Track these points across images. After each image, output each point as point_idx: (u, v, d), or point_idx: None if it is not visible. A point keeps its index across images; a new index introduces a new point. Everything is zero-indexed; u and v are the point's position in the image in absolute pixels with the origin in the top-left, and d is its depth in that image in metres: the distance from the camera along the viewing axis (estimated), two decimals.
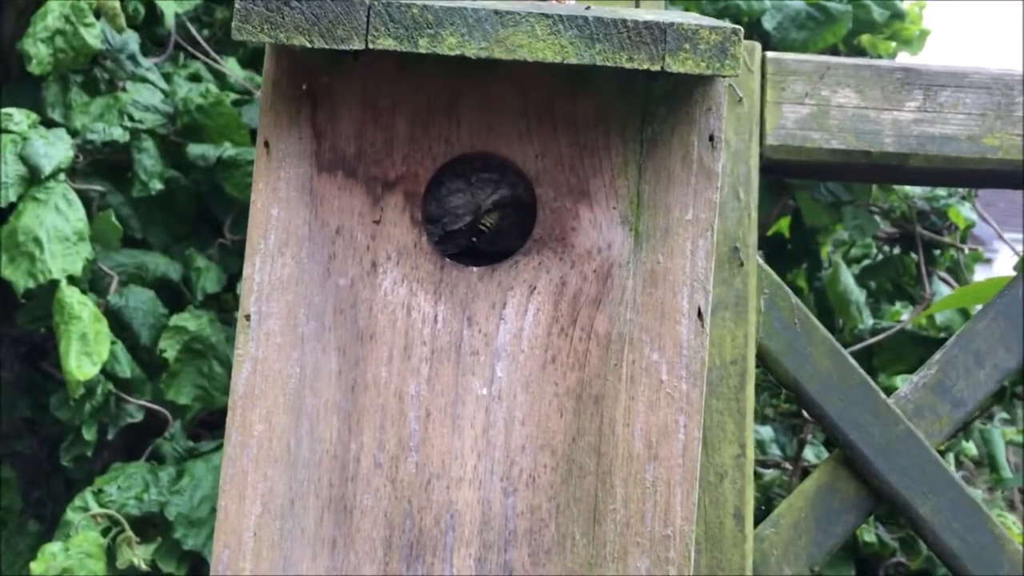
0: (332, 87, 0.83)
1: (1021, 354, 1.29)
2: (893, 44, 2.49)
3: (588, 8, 0.82)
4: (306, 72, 0.83)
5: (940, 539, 1.24)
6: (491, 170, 0.86)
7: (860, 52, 2.47)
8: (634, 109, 0.83)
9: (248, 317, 0.82)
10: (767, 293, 1.24)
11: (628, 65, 0.75)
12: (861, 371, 1.25)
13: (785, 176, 1.39)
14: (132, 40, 2.40)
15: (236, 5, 0.75)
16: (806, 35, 2.20)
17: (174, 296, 2.28)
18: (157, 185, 2.24)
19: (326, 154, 0.83)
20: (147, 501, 2.08)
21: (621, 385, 0.81)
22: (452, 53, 0.75)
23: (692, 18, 0.77)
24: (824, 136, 1.24)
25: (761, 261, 1.23)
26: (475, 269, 0.83)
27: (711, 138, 0.83)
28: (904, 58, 3.26)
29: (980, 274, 2.79)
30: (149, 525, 2.08)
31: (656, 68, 0.75)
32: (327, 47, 0.75)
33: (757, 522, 1.22)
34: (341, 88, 0.83)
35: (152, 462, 2.15)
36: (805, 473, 3.06)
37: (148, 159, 2.28)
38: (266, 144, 0.83)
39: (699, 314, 0.82)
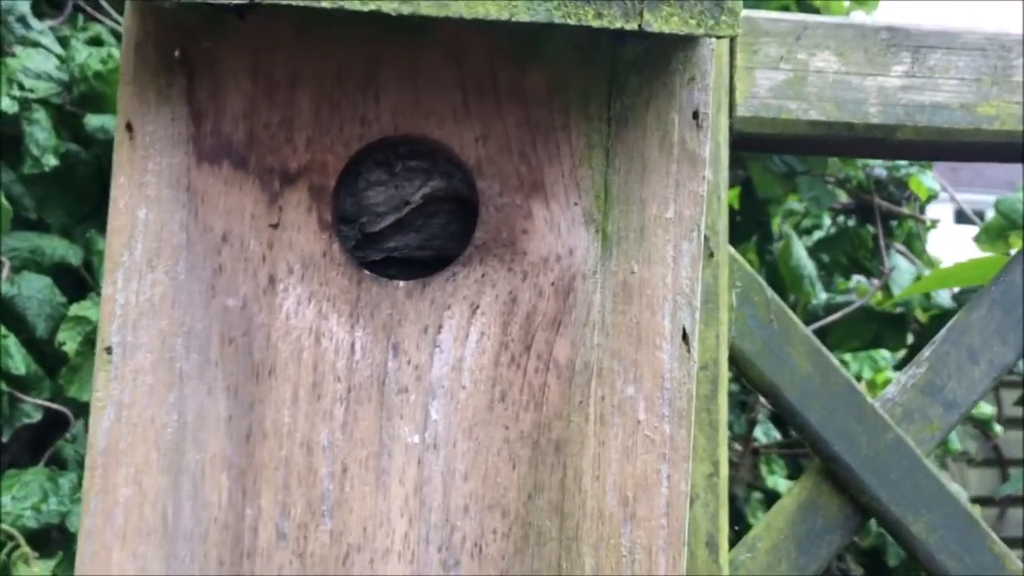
0: (214, 54, 0.65)
1: (1018, 347, 1.15)
2: (847, 3, 2.34)
3: None
4: (179, 34, 0.65)
5: (935, 560, 1.09)
6: (420, 157, 0.69)
7: (811, 10, 2.32)
8: (599, 79, 0.66)
9: (109, 350, 0.64)
10: (739, 287, 1.08)
11: (596, 23, 0.57)
12: (846, 373, 1.10)
13: (758, 151, 1.25)
14: (21, 1, 2.18)
15: None
16: None
17: (74, 283, 2.09)
18: (51, 161, 2.04)
19: (207, 139, 0.65)
20: (46, 512, 1.90)
21: (588, 428, 0.65)
22: (365, 8, 0.57)
23: None
24: (802, 106, 1.08)
25: (733, 251, 1.07)
26: (401, 284, 0.65)
27: (695, 115, 0.66)
28: (859, 18, 3.12)
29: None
30: (49, 538, 1.90)
31: (632, 27, 0.58)
32: (198, 0, 0.57)
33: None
34: (226, 55, 0.65)
35: (52, 467, 1.97)
36: (756, 453, 2.94)
37: (40, 132, 2.08)
38: (128, 127, 0.65)
39: (684, 336, 0.65)
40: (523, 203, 0.65)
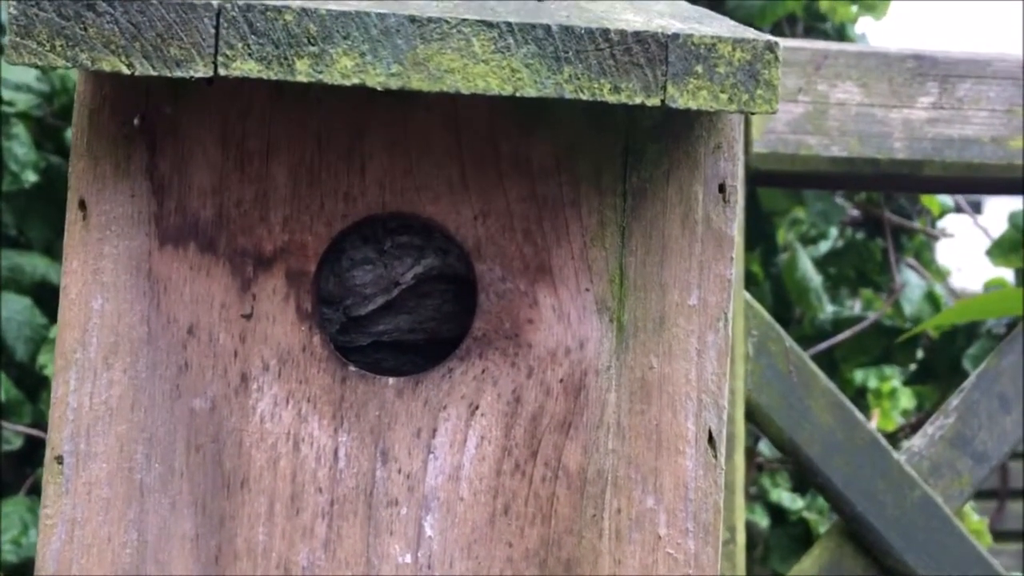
0: (178, 121, 0.57)
1: None
2: (854, 8, 2.26)
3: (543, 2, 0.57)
4: (139, 99, 0.57)
5: None
6: (411, 232, 0.61)
7: (818, 18, 2.24)
8: (612, 148, 0.58)
9: (60, 460, 0.56)
10: (756, 336, 1.01)
11: (612, 98, 0.50)
12: (870, 427, 1.03)
13: (775, 187, 1.18)
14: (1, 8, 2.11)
15: (10, 10, 0.48)
16: (764, 0, 1.97)
17: (56, 302, 2.01)
18: (31, 177, 1.97)
19: (171, 218, 0.57)
20: (27, 545, 1.83)
21: (603, 544, 0.57)
22: (347, 83, 0.50)
23: (708, 23, 0.52)
24: (822, 141, 1.01)
25: (749, 297, 1.00)
26: (391, 381, 0.58)
27: (721, 188, 0.59)
28: (866, 24, 3.03)
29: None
30: (30, 572, 1.83)
31: (654, 102, 0.50)
32: (155, 73, 0.49)
33: None
34: (191, 123, 0.57)
35: (33, 497, 1.90)
36: (760, 468, 2.87)
37: (20, 147, 2.00)
38: (82, 205, 0.57)
39: (710, 439, 0.58)
40: (528, 289, 0.58)
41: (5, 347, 1.94)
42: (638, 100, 0.50)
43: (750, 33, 0.51)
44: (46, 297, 2.01)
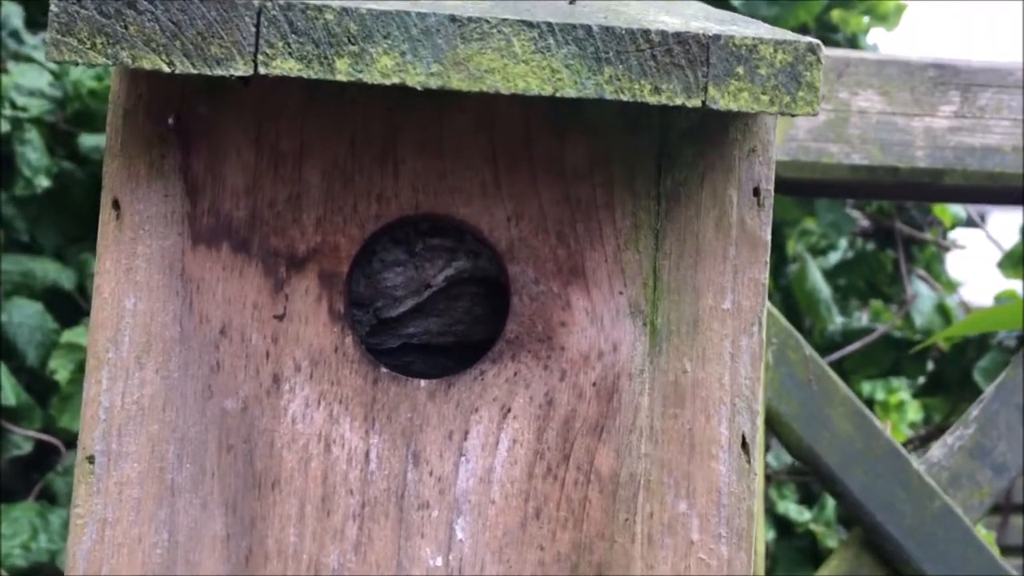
0: (213, 122, 0.57)
1: None
2: (866, 19, 2.26)
3: (577, 4, 0.56)
4: (174, 99, 0.57)
5: None
6: (443, 234, 0.61)
7: (830, 29, 2.25)
8: (647, 150, 0.58)
9: (91, 459, 0.56)
10: (775, 343, 1.01)
11: (653, 99, 0.50)
12: (889, 437, 1.03)
13: (795, 195, 1.18)
14: (15, 13, 2.11)
15: (51, 8, 0.48)
16: (777, 11, 1.97)
17: (67, 307, 2.02)
18: (43, 182, 1.97)
19: (204, 219, 0.57)
20: (35, 550, 1.83)
21: (635, 549, 0.57)
22: (386, 82, 0.50)
23: (745, 25, 0.52)
24: (844, 149, 1.01)
25: (769, 305, 1.00)
26: (423, 384, 0.58)
27: (756, 192, 0.58)
28: (878, 35, 3.04)
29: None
30: None
31: (695, 103, 0.50)
32: (195, 71, 0.49)
33: None
34: (226, 122, 0.57)
35: (42, 502, 1.90)
36: (767, 479, 2.86)
37: (33, 152, 2.00)
38: (115, 204, 0.57)
39: (743, 444, 0.58)
40: (561, 291, 0.58)
41: (16, 352, 1.94)
42: (678, 101, 0.50)
43: (790, 35, 0.51)
44: (57, 302, 2.01)
